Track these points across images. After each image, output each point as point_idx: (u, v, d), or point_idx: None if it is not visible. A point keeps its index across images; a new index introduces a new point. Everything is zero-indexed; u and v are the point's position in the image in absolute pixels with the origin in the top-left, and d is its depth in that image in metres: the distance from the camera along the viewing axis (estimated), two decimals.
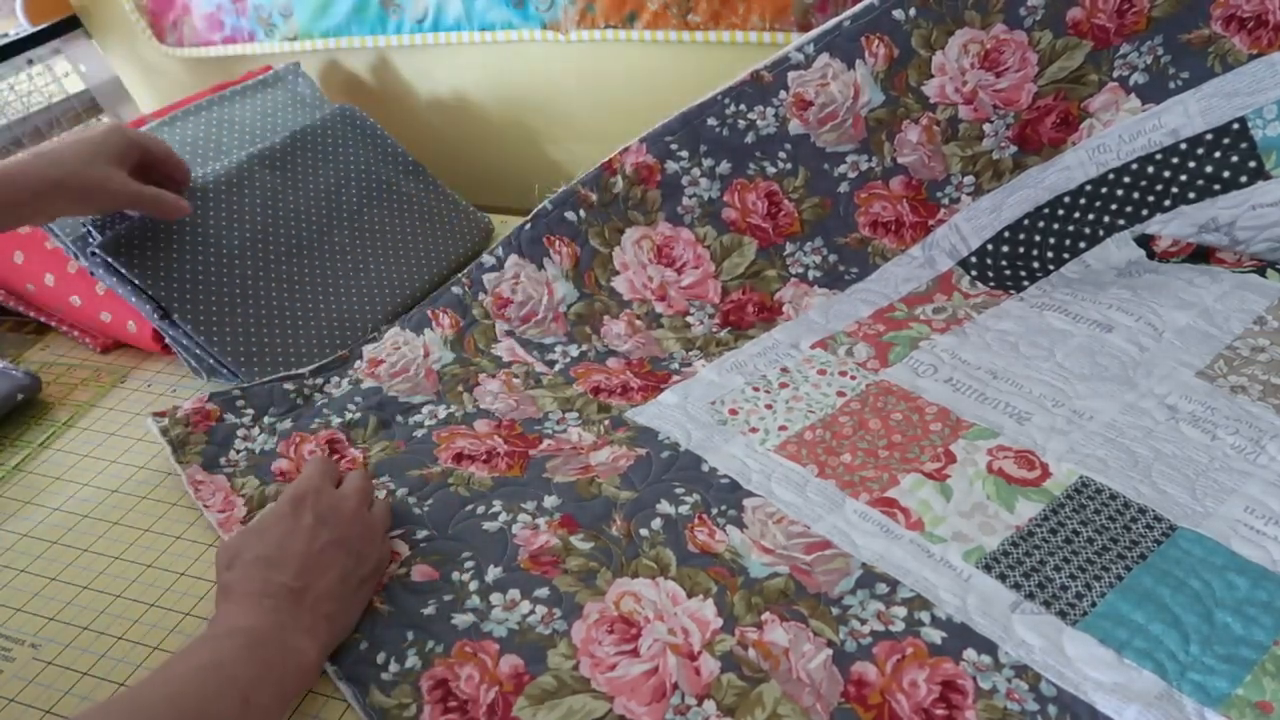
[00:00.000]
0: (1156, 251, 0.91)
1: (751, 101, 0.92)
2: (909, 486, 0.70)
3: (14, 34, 1.30)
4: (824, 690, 0.56)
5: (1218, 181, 0.86)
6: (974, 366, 0.81)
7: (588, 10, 1.05)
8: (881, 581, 0.63)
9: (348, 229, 1.00)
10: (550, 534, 0.68)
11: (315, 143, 1.03)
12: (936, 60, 0.90)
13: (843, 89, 0.91)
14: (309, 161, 1.02)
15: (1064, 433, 0.73)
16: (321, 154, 1.03)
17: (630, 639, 0.60)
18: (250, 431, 0.82)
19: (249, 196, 0.96)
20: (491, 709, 0.56)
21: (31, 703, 0.62)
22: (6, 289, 1.02)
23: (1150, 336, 0.82)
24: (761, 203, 0.93)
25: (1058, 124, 0.91)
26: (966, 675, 0.56)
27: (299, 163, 1.01)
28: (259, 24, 1.25)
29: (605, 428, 0.79)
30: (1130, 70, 0.88)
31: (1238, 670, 0.55)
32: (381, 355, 0.90)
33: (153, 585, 0.69)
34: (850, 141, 0.93)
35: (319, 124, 1.05)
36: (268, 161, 0.99)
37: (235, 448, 0.80)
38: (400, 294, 0.99)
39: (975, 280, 0.92)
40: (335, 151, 1.04)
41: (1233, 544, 0.62)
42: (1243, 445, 0.70)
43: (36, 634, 0.67)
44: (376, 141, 1.08)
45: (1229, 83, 0.85)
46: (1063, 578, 0.62)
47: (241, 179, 0.96)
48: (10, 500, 0.80)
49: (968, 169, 0.93)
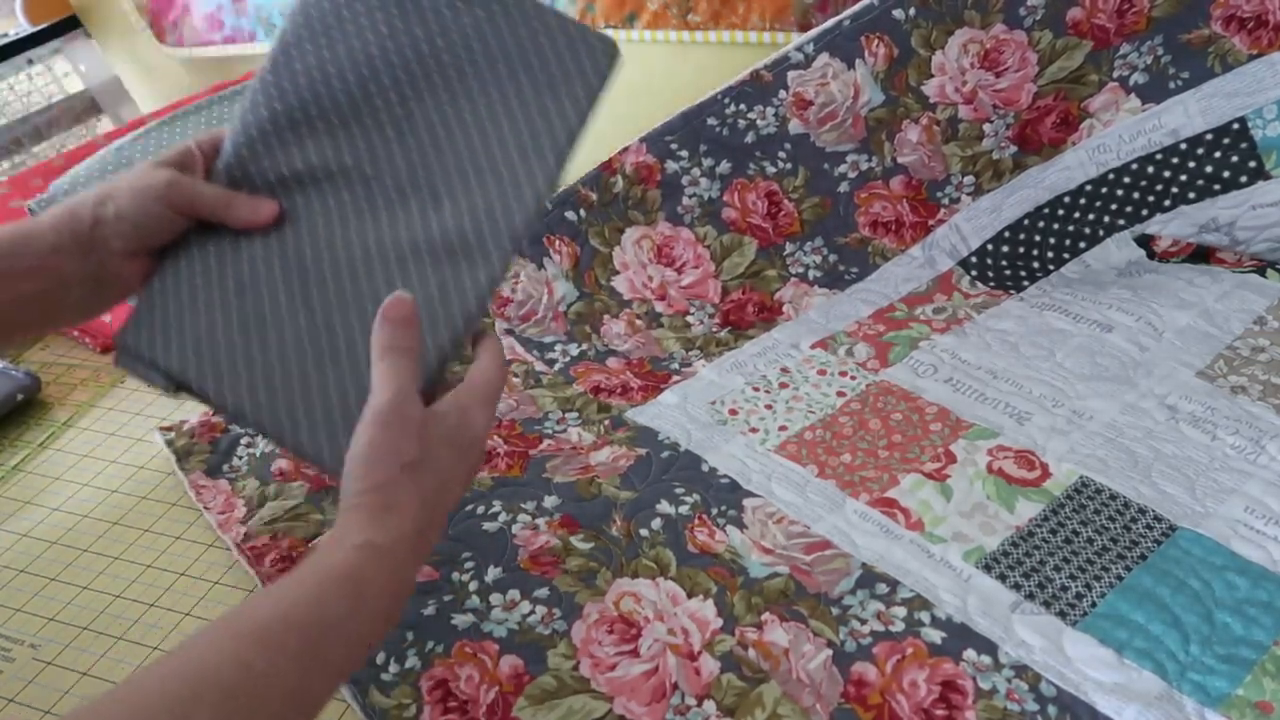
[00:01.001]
0: (1156, 251, 0.91)
1: (751, 101, 0.92)
2: (909, 486, 0.70)
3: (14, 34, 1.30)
4: (824, 690, 0.56)
5: (1218, 181, 0.86)
6: (974, 366, 0.81)
7: (587, 10, 1.05)
8: (881, 581, 0.62)
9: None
10: (550, 534, 0.68)
11: None
12: (936, 60, 0.90)
13: (843, 89, 0.91)
14: None
15: (1064, 433, 0.73)
16: None
17: (630, 639, 0.60)
18: (255, 439, 0.82)
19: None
20: (491, 709, 0.56)
21: (31, 703, 0.62)
22: None
23: (1150, 336, 0.82)
24: (761, 202, 0.93)
25: (1058, 124, 0.91)
26: (966, 675, 0.56)
27: None
28: (259, 24, 1.25)
29: (605, 427, 0.79)
30: (1130, 70, 0.88)
31: (1238, 670, 0.55)
32: None
33: (152, 585, 0.69)
34: (850, 141, 0.93)
35: None
36: None
37: (238, 454, 0.80)
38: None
39: (975, 280, 0.92)
40: None
41: (1233, 544, 0.62)
42: (1243, 445, 0.70)
43: (36, 634, 0.67)
44: None
45: (1229, 83, 0.85)
46: (1063, 578, 0.61)
47: None
48: (10, 500, 0.80)
49: (968, 169, 0.93)
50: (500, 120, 0.56)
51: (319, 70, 0.57)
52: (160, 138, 1.01)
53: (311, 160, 0.56)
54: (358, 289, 0.53)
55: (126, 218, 0.53)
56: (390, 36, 0.57)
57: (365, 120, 0.56)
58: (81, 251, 0.53)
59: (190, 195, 0.54)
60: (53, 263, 0.52)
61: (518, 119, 0.56)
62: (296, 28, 0.57)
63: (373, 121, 0.56)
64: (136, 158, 0.98)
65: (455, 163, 0.55)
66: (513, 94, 0.56)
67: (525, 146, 0.55)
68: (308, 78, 0.56)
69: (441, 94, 0.57)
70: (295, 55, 0.57)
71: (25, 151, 1.32)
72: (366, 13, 0.57)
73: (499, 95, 0.56)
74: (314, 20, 0.58)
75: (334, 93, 0.56)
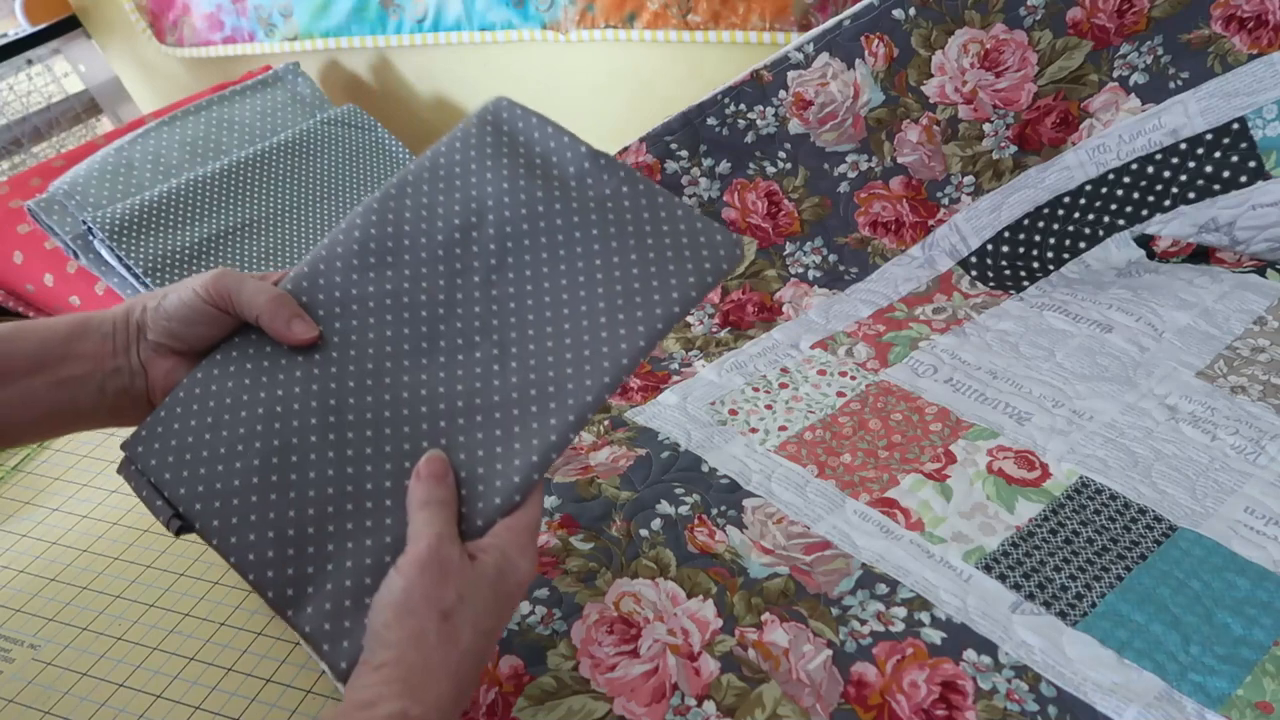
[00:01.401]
0: (1156, 251, 0.91)
1: (751, 101, 0.92)
2: (909, 487, 0.70)
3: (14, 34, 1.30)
4: (824, 691, 0.56)
5: (1218, 181, 0.86)
6: (974, 367, 0.81)
7: (588, 10, 1.05)
8: (881, 582, 0.62)
9: None
10: (550, 534, 0.68)
11: (318, 142, 1.03)
12: (936, 60, 0.90)
13: (842, 88, 0.91)
14: (312, 160, 1.02)
15: (1064, 433, 0.73)
16: (324, 153, 1.03)
17: (630, 639, 0.60)
18: None
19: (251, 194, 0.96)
20: (491, 709, 0.56)
21: (31, 703, 0.62)
22: (6, 289, 1.02)
23: (1150, 337, 0.82)
24: (761, 202, 0.93)
25: (1058, 124, 0.91)
26: (966, 676, 0.56)
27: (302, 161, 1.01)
28: (259, 24, 1.25)
29: (605, 428, 0.79)
30: (1130, 70, 0.88)
31: (1238, 670, 0.55)
32: None
33: (152, 585, 0.69)
34: (850, 141, 0.93)
35: (322, 123, 1.05)
36: (270, 160, 0.99)
37: None
38: None
39: (975, 280, 0.92)
40: (338, 151, 1.04)
41: (1233, 544, 0.62)
42: (1243, 445, 0.70)
43: (36, 634, 0.67)
44: (378, 141, 1.08)
45: (1229, 83, 0.85)
46: (1063, 578, 0.61)
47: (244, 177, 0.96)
48: (10, 500, 0.80)
49: (968, 169, 0.93)
50: (597, 290, 0.50)
51: (427, 210, 0.53)
52: (160, 138, 1.01)
53: (383, 288, 0.51)
54: (398, 435, 0.47)
55: (166, 308, 0.49)
56: (510, 190, 0.52)
57: (455, 262, 0.51)
58: (126, 343, 0.49)
59: (231, 288, 0.48)
60: (101, 349, 0.49)
61: (616, 293, 0.50)
62: (421, 169, 0.54)
63: (462, 265, 0.52)
64: (136, 158, 0.98)
65: (536, 321, 0.50)
66: (619, 268, 0.51)
67: (617, 322, 0.50)
68: (414, 214, 0.52)
69: (543, 252, 0.52)
70: (409, 194, 0.53)
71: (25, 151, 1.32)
72: (495, 166, 0.53)
73: (604, 266, 0.51)
74: (441, 166, 0.54)
75: (434, 231, 0.52)
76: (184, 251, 0.91)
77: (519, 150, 0.54)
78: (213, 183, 0.96)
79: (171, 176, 0.97)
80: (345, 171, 1.04)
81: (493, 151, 0.54)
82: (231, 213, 0.95)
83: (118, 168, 0.96)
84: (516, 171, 0.53)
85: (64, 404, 0.49)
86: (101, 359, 0.49)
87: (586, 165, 0.54)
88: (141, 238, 0.90)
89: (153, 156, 0.98)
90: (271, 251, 0.95)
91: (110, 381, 0.49)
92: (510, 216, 0.52)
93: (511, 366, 0.49)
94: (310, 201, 1.00)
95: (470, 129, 0.55)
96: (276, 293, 0.49)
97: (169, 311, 0.48)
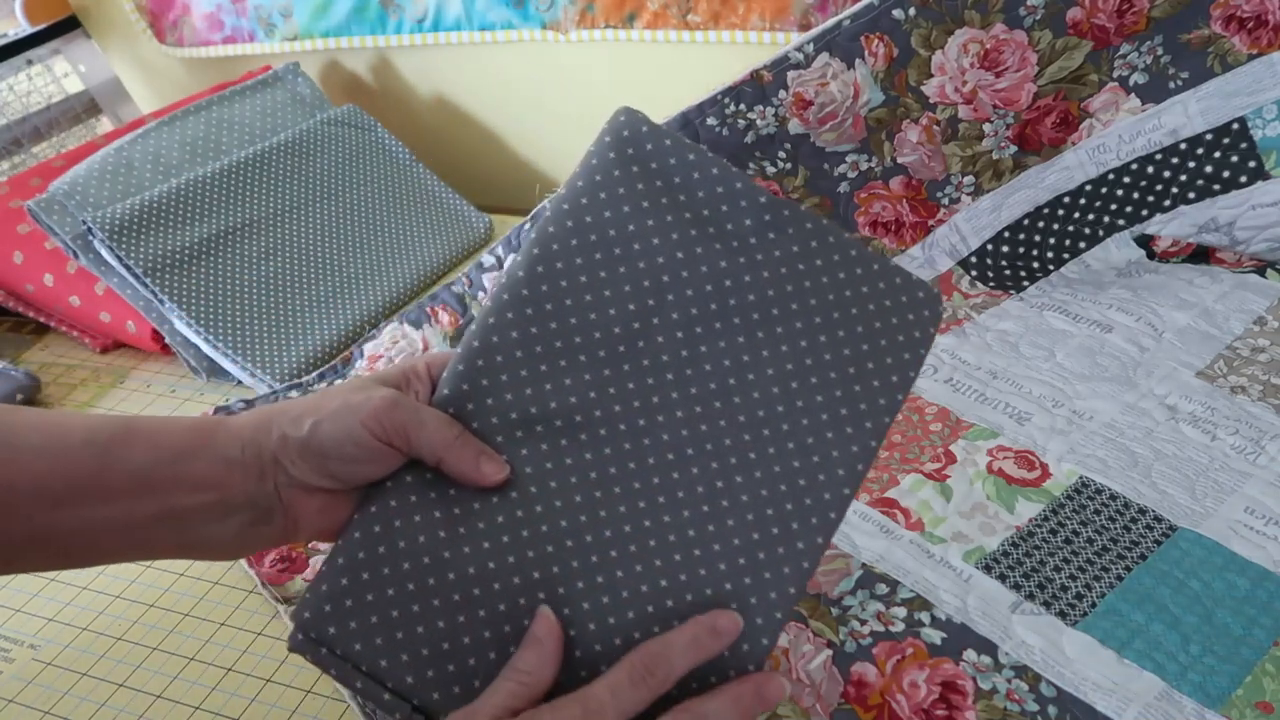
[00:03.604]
0: (1156, 251, 0.91)
1: (751, 101, 0.92)
2: (909, 487, 0.70)
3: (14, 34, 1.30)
4: (824, 691, 0.56)
5: (1218, 181, 0.86)
6: (974, 367, 0.81)
7: (588, 10, 1.05)
8: (881, 582, 0.62)
9: (349, 227, 1.00)
10: None
11: (318, 142, 1.03)
12: (936, 60, 0.90)
13: (842, 88, 0.91)
14: (312, 160, 1.02)
15: (1064, 433, 0.73)
16: (324, 153, 1.03)
17: None
18: None
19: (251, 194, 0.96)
20: None
21: (31, 703, 0.62)
22: (6, 289, 1.02)
23: (1150, 337, 0.82)
24: None
25: (1058, 124, 0.91)
26: (966, 676, 0.56)
27: (302, 161, 1.01)
28: (259, 24, 1.25)
29: None
30: (1130, 70, 0.88)
31: (1238, 670, 0.54)
32: (380, 351, 0.90)
33: (152, 586, 0.69)
34: (850, 141, 0.93)
35: (322, 123, 1.05)
36: (270, 160, 0.99)
37: None
38: (400, 292, 0.99)
39: (975, 280, 0.92)
40: (338, 151, 1.04)
41: (1233, 544, 0.62)
42: (1243, 445, 0.70)
43: (36, 634, 0.67)
44: (378, 141, 1.08)
45: (1229, 83, 0.85)
46: (1063, 578, 0.61)
47: (244, 177, 0.96)
48: None
49: (968, 169, 0.93)
50: (810, 380, 0.44)
51: (590, 290, 0.44)
52: (160, 138, 1.01)
53: (567, 400, 0.43)
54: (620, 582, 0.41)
55: (321, 442, 0.41)
56: (686, 262, 0.44)
57: (641, 359, 0.44)
58: (260, 472, 0.41)
59: (410, 424, 0.41)
60: (226, 477, 0.41)
61: (830, 378, 0.43)
62: (557, 235, 0.45)
63: (650, 361, 0.44)
64: (136, 158, 0.98)
65: (748, 424, 0.43)
66: (826, 345, 0.44)
67: (839, 417, 0.43)
68: (575, 297, 0.44)
69: (739, 336, 0.44)
70: (560, 269, 0.44)
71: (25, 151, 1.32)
72: (657, 229, 0.44)
73: (809, 345, 0.44)
74: (583, 229, 0.45)
75: (607, 320, 0.44)
76: (184, 251, 0.91)
77: (678, 196, 0.45)
78: (213, 183, 0.96)
79: (171, 176, 0.97)
80: (345, 171, 1.04)
81: (649, 202, 0.45)
82: (231, 213, 0.95)
83: (118, 168, 0.96)
84: (687, 232, 0.44)
85: (169, 538, 0.42)
86: (226, 488, 0.41)
87: (767, 218, 0.45)
88: (141, 238, 0.90)
89: (153, 156, 0.98)
90: (271, 251, 0.96)
91: (235, 517, 0.42)
92: (693, 294, 0.44)
93: (736, 481, 0.42)
94: (310, 201, 1.00)
95: (610, 164, 0.46)
96: (457, 430, 0.42)
97: (324, 448, 0.41)
